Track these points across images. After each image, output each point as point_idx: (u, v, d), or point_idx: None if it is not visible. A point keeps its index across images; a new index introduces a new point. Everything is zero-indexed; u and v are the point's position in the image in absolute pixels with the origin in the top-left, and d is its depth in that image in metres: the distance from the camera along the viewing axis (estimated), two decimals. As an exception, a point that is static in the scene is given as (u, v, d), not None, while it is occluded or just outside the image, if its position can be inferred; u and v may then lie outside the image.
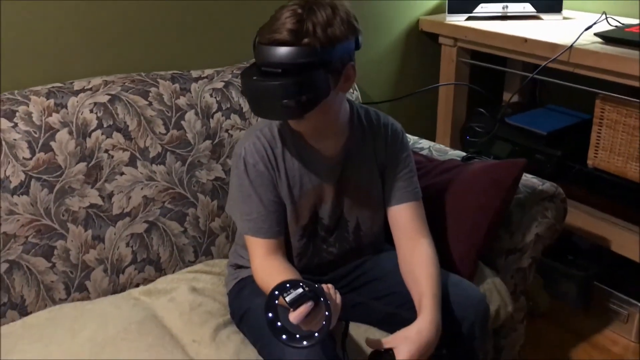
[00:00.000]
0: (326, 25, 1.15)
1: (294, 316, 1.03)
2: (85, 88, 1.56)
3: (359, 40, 1.23)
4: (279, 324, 1.06)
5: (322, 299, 1.05)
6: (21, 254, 1.43)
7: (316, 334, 1.05)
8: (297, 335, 1.06)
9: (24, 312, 1.44)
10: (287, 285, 1.04)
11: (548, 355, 1.92)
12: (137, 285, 1.56)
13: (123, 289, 1.55)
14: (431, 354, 1.20)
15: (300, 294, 1.03)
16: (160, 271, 1.59)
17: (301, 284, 1.04)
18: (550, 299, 2.09)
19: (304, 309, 1.03)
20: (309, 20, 1.14)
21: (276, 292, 1.04)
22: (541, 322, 2.04)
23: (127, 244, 1.54)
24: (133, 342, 1.32)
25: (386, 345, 1.16)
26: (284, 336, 1.05)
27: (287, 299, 1.03)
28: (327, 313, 1.04)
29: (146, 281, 1.57)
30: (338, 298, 1.12)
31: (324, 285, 1.08)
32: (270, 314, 1.05)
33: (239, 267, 1.47)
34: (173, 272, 1.60)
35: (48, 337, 1.34)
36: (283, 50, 1.14)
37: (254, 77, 1.17)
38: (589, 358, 1.91)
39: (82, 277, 1.50)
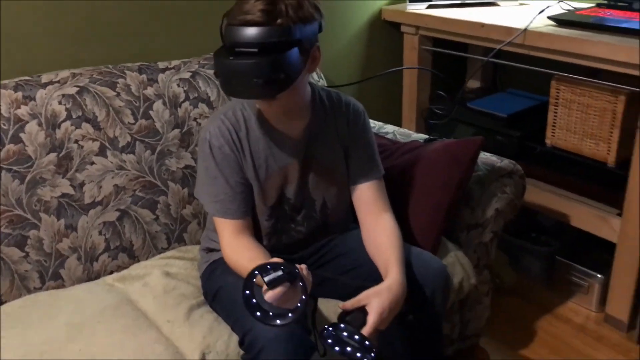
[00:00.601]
0: (297, 6, 1.19)
1: (270, 295, 1.08)
2: (53, 81, 1.58)
3: (322, 24, 1.28)
4: (254, 301, 1.10)
5: (300, 283, 1.10)
6: (-6, 245, 1.45)
7: (290, 314, 1.09)
8: (271, 313, 1.10)
9: (-2, 301, 1.46)
10: (268, 266, 1.09)
11: (515, 327, 1.99)
12: (111, 273, 1.59)
13: (97, 277, 1.58)
14: (398, 313, 1.25)
15: (279, 276, 1.08)
16: (134, 258, 1.62)
17: (282, 267, 1.09)
18: (515, 274, 2.16)
19: (280, 289, 1.08)
20: (280, 1, 1.18)
21: (256, 272, 1.09)
22: (508, 297, 2.11)
23: (100, 232, 1.57)
24: (109, 323, 1.35)
25: (357, 304, 1.21)
26: (258, 313, 1.10)
27: (266, 279, 1.07)
28: (303, 296, 1.09)
29: (120, 268, 1.60)
30: (310, 278, 1.17)
31: (300, 267, 1.13)
32: (247, 291, 1.09)
33: (211, 250, 1.51)
34: (146, 259, 1.63)
35: (24, 323, 1.37)
36: (258, 30, 1.17)
37: (230, 57, 1.18)
38: (553, 329, 1.98)
39: (57, 265, 1.52)
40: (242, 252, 1.31)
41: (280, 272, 1.07)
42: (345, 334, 1.17)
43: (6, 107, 1.50)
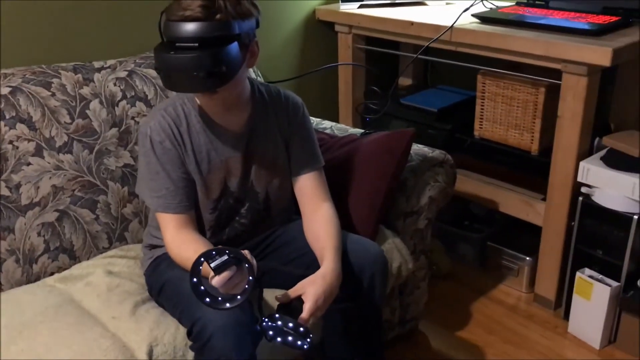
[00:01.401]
0: (235, 2, 1.23)
1: (217, 280, 1.11)
2: (-16, 81, 1.56)
3: (259, 20, 1.32)
4: (202, 288, 1.12)
5: (246, 265, 1.13)
6: None
7: (238, 297, 1.12)
8: (220, 298, 1.13)
9: None
10: (213, 252, 1.11)
11: (451, 311, 2.08)
12: (52, 274, 1.57)
13: (37, 279, 1.56)
14: (337, 299, 1.30)
15: (225, 261, 1.11)
16: (75, 259, 1.61)
17: (227, 251, 1.12)
18: (451, 261, 2.26)
19: (227, 273, 1.11)
20: None
21: (201, 259, 1.11)
22: (444, 282, 2.21)
23: (39, 234, 1.55)
24: (52, 323, 1.34)
25: (294, 294, 1.26)
26: (207, 299, 1.12)
27: (212, 265, 1.09)
28: (250, 278, 1.12)
29: (61, 269, 1.59)
30: (254, 262, 1.20)
31: (244, 252, 1.16)
32: (194, 279, 1.11)
33: (154, 246, 1.51)
34: (88, 258, 1.62)
35: (-39, 328, 1.34)
36: (198, 25, 1.19)
37: (171, 52, 1.20)
38: (488, 310, 2.09)
39: (-7, 269, 1.50)
40: (186, 245, 1.33)
41: (225, 257, 1.10)
42: (281, 322, 1.21)
43: None
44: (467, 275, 2.26)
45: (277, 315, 1.20)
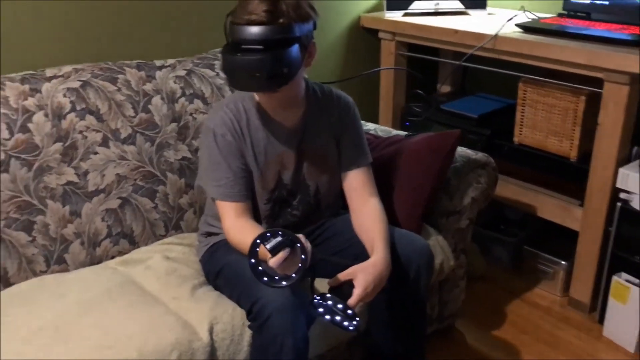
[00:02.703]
0: (296, 6, 1.32)
1: (273, 261, 1.19)
2: (57, 75, 1.67)
3: (316, 22, 1.41)
4: (260, 268, 1.21)
5: (298, 245, 1.21)
6: (3, 229, 1.52)
7: (293, 275, 1.20)
8: (276, 277, 1.21)
9: (6, 283, 1.53)
10: (268, 234, 1.20)
11: (486, 311, 2.14)
12: (113, 257, 1.67)
13: (99, 261, 1.66)
14: (382, 287, 1.37)
15: (279, 242, 1.19)
16: (134, 244, 1.71)
17: (279, 232, 1.20)
18: (485, 263, 2.32)
19: (282, 254, 1.19)
20: (281, 2, 1.30)
21: (258, 241, 1.19)
22: (479, 284, 2.26)
23: (103, 219, 1.65)
24: (117, 301, 1.43)
25: (345, 277, 1.33)
26: (265, 278, 1.20)
27: (268, 246, 1.18)
28: (302, 256, 1.20)
29: (121, 253, 1.68)
30: (309, 246, 1.28)
31: (299, 235, 1.24)
32: (252, 260, 1.20)
33: (210, 234, 1.60)
34: (146, 244, 1.72)
35: (34, 302, 1.44)
36: (262, 29, 1.28)
37: (238, 54, 1.29)
38: (522, 311, 2.13)
39: (61, 250, 1.60)
40: (245, 231, 1.42)
41: (279, 238, 1.18)
42: (331, 302, 1.28)
43: (14, 98, 1.57)
44: (502, 278, 2.31)
45: (328, 295, 1.28)
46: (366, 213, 1.52)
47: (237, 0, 1.34)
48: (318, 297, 1.30)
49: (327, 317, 1.31)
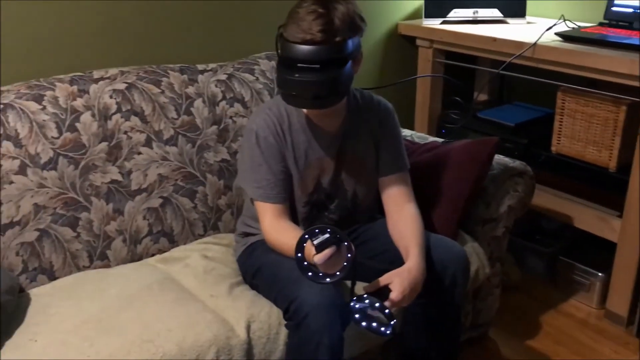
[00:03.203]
0: (350, 21, 1.34)
1: (318, 258, 1.21)
2: (104, 77, 1.72)
3: (364, 31, 1.43)
4: (305, 262, 1.23)
5: (345, 244, 1.22)
6: (50, 224, 1.57)
7: (337, 273, 1.22)
8: (320, 274, 1.23)
9: (52, 276, 1.58)
10: (316, 230, 1.21)
11: (520, 321, 2.12)
12: (153, 255, 1.71)
13: (140, 258, 1.70)
14: (418, 293, 1.38)
15: (326, 239, 1.21)
16: (173, 243, 1.75)
17: (328, 229, 1.21)
18: (520, 273, 2.30)
19: (327, 252, 1.21)
20: (335, 18, 1.31)
21: (306, 236, 1.21)
22: (513, 294, 2.24)
23: (144, 217, 1.70)
24: (157, 296, 1.47)
25: (382, 283, 1.35)
26: (310, 273, 1.22)
27: (315, 242, 1.20)
28: (348, 255, 1.22)
29: (160, 251, 1.72)
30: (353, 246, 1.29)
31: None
32: (299, 254, 1.22)
33: (247, 234, 1.63)
34: (184, 243, 1.76)
35: (78, 296, 1.48)
36: (319, 49, 1.30)
37: (295, 74, 1.31)
38: (557, 323, 2.11)
39: (104, 246, 1.64)
40: (284, 232, 1.44)
41: (327, 235, 1.20)
42: (368, 302, 1.29)
43: (63, 99, 1.63)
44: (536, 288, 2.29)
45: (365, 296, 1.29)
46: (402, 219, 1.53)
47: (288, 13, 1.36)
48: (354, 299, 1.31)
49: (364, 323, 1.32)
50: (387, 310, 1.29)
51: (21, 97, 1.58)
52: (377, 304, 1.29)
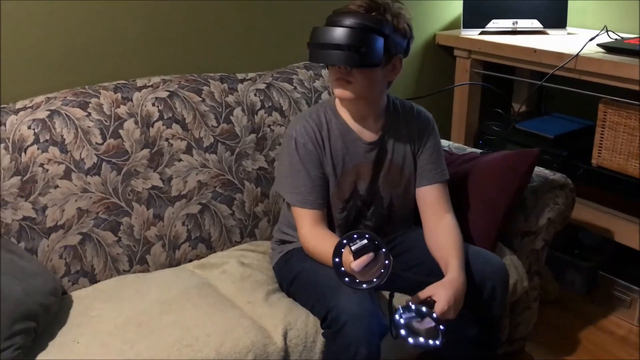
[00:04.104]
0: (396, 13, 1.40)
1: (356, 264, 1.19)
2: (147, 85, 1.76)
3: (409, 46, 1.45)
4: (342, 268, 1.22)
5: (383, 250, 1.21)
6: (92, 228, 1.60)
7: (375, 279, 1.21)
8: (357, 280, 1.22)
9: (93, 279, 1.61)
10: (355, 235, 1.20)
11: (558, 336, 2.08)
12: (191, 261, 1.73)
13: (178, 264, 1.72)
14: (461, 305, 1.36)
15: (364, 245, 1.19)
16: (211, 249, 1.76)
17: (367, 235, 1.20)
18: (558, 287, 2.26)
19: (365, 258, 1.19)
20: (381, 5, 1.39)
21: (344, 241, 1.21)
22: (551, 309, 2.20)
23: (183, 223, 1.72)
24: (195, 301, 1.48)
25: (424, 295, 1.33)
26: (346, 279, 1.22)
27: (353, 248, 1.19)
28: (386, 262, 1.21)
29: (198, 257, 1.74)
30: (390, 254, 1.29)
31: None
32: (337, 259, 1.21)
33: (284, 242, 1.64)
34: (222, 250, 1.78)
35: (118, 299, 1.51)
36: (354, 14, 1.37)
37: (329, 30, 1.38)
38: (596, 339, 2.07)
39: (144, 251, 1.67)
40: (322, 239, 1.45)
41: (365, 241, 1.19)
42: (414, 311, 1.27)
43: (108, 105, 1.67)
44: (575, 303, 2.24)
45: (412, 306, 1.28)
46: (440, 230, 1.52)
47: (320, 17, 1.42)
48: (400, 310, 1.29)
49: (411, 340, 1.27)
50: (434, 315, 1.27)
51: (67, 104, 1.63)
52: (424, 309, 1.27)
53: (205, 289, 1.56)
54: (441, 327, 1.28)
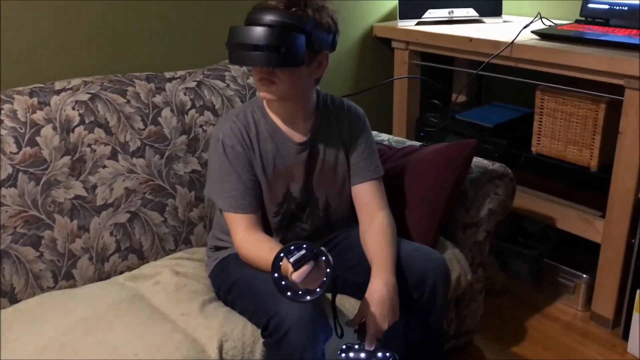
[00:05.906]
0: (315, 9, 1.32)
1: (296, 275, 1.14)
2: (66, 88, 1.65)
3: (335, 40, 1.38)
4: (283, 282, 1.16)
5: (323, 258, 1.16)
6: (10, 244, 1.49)
7: (317, 289, 1.16)
8: (300, 292, 1.17)
9: (13, 299, 1.49)
10: (292, 247, 1.15)
11: (506, 326, 2.07)
12: (122, 273, 1.64)
13: (108, 277, 1.62)
14: (396, 308, 1.34)
15: (303, 255, 1.14)
16: (143, 259, 1.67)
17: (304, 245, 1.16)
18: (504, 277, 2.25)
19: (305, 268, 1.14)
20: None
21: (282, 254, 1.15)
22: (498, 298, 2.20)
23: (111, 233, 1.62)
24: (125, 317, 1.40)
25: (359, 319, 1.35)
26: (289, 293, 1.16)
27: (291, 260, 1.13)
28: (327, 270, 1.16)
29: (130, 269, 1.65)
30: (331, 258, 1.23)
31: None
32: (276, 274, 1.15)
33: (219, 248, 1.57)
34: (155, 259, 1.68)
35: (41, 319, 1.41)
36: (273, 11, 1.30)
37: (246, 29, 1.31)
38: (543, 327, 2.07)
39: (69, 265, 1.57)
40: (258, 244, 1.38)
41: (303, 251, 1.14)
42: (354, 350, 1.31)
43: (22, 112, 1.55)
44: (521, 292, 2.24)
45: (356, 346, 1.31)
46: (372, 229, 1.48)
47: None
48: (345, 350, 1.32)
49: None
50: (379, 354, 1.29)
51: (-24, 112, 1.50)
52: (357, 346, 1.31)
53: (137, 302, 1.47)
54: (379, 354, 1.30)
